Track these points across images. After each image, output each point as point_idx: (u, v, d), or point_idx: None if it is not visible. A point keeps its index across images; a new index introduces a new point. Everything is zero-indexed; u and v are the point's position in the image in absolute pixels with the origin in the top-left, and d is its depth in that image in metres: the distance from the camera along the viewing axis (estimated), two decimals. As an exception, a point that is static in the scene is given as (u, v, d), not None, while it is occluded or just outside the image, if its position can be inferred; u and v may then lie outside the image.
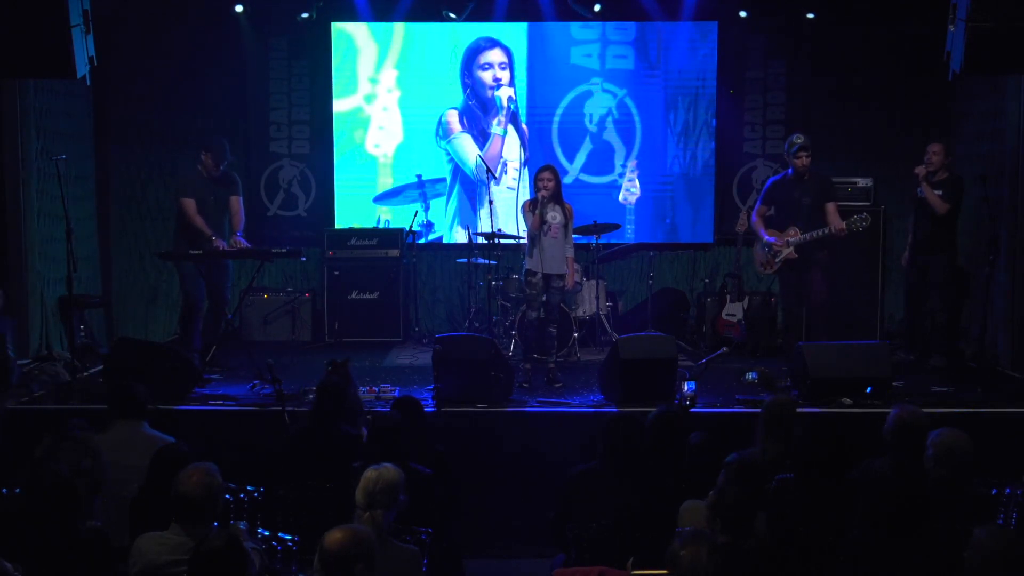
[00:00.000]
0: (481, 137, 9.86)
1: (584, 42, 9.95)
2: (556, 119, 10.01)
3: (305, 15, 9.52)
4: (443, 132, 9.89)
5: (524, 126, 9.88)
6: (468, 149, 9.81)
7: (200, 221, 7.88)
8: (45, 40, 6.36)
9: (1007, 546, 3.52)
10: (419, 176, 9.80)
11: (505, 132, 9.69)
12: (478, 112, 9.85)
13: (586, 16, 9.51)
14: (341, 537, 3.61)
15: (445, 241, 10.04)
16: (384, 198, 9.96)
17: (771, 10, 9.63)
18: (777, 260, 8.02)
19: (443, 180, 9.97)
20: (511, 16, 9.71)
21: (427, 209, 9.83)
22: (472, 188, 9.93)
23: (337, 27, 9.89)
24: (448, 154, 9.92)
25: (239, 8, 9.44)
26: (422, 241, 9.82)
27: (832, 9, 9.43)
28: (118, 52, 8.93)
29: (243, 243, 7.98)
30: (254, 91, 9.97)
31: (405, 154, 10.02)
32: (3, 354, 5.26)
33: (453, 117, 9.74)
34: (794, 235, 7.93)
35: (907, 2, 9.12)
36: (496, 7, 9.61)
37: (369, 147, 10.02)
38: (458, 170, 9.93)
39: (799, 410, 5.44)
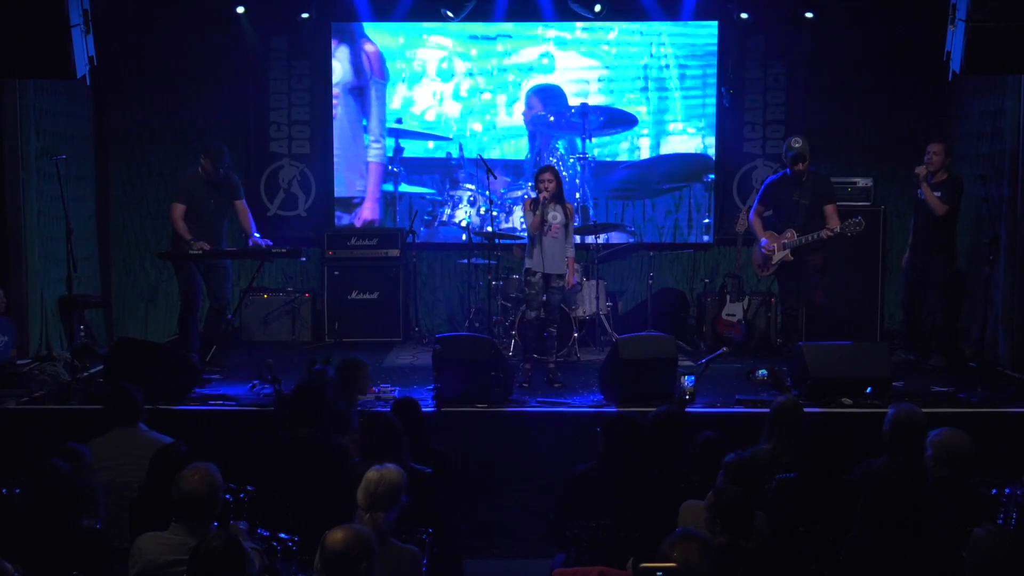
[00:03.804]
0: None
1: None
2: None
3: (305, 15, 9.52)
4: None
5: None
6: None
7: (183, 226, 7.85)
8: (45, 40, 6.36)
9: (1006, 546, 3.52)
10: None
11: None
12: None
13: (586, 16, 9.50)
14: (342, 537, 3.61)
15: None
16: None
17: (771, 10, 9.62)
18: (773, 262, 8.06)
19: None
20: (511, 16, 9.70)
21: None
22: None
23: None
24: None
25: (240, 9, 9.44)
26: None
27: (831, 9, 9.43)
28: (118, 52, 8.92)
29: (264, 243, 7.97)
30: (254, 91, 9.96)
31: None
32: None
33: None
34: (790, 238, 7.95)
35: (906, 2, 9.12)
36: (496, 7, 9.60)
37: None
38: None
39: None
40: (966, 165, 8.77)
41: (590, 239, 9.11)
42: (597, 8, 9.36)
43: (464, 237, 9.29)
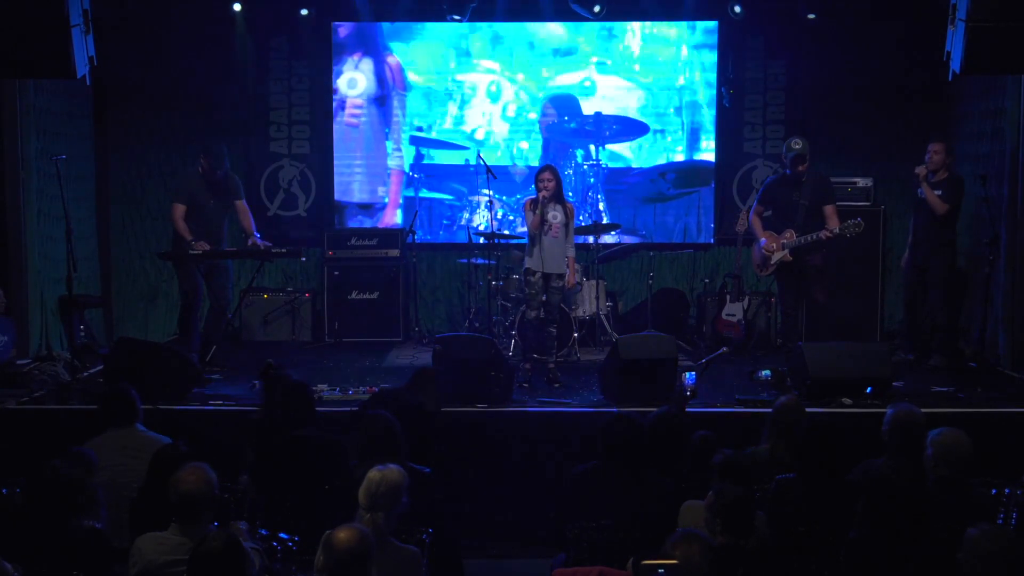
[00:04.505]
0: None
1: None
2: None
3: (304, 11, 9.51)
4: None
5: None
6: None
7: (183, 226, 7.84)
8: (45, 40, 6.36)
9: (999, 545, 3.52)
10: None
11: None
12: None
13: (586, 16, 9.50)
14: (347, 536, 3.62)
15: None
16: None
17: (771, 10, 9.62)
18: (772, 262, 8.07)
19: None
20: (511, 16, 9.72)
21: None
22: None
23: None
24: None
25: (237, 7, 9.45)
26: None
27: (832, 9, 9.42)
28: (118, 52, 8.92)
29: (264, 244, 7.98)
30: (254, 91, 9.96)
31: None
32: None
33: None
34: (789, 238, 7.97)
35: (907, 2, 9.12)
36: (496, 7, 9.61)
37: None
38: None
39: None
40: (966, 165, 8.77)
41: (595, 239, 9.14)
42: (596, 8, 9.37)
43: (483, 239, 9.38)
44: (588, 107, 9.85)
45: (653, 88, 9.96)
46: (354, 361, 8.49)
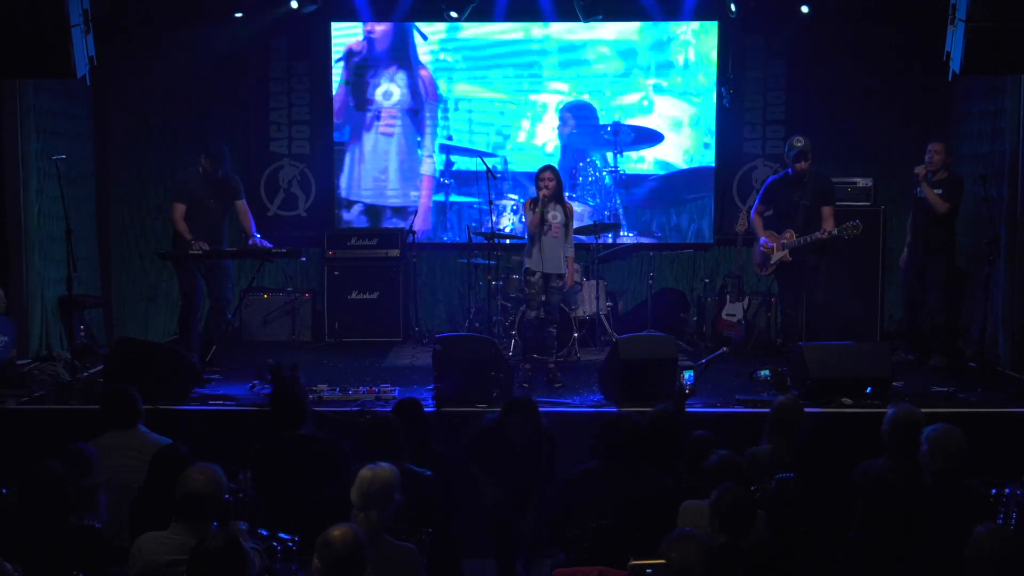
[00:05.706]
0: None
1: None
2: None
3: (295, 5, 9.47)
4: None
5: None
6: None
7: (183, 226, 7.84)
8: (45, 40, 6.36)
9: (1008, 546, 3.52)
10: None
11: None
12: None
13: (580, 18, 9.50)
14: (342, 534, 3.62)
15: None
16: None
17: (771, 10, 9.62)
18: (772, 262, 8.08)
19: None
20: (511, 16, 9.72)
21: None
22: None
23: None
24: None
25: (239, 15, 9.45)
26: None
27: (831, 9, 9.42)
28: (118, 52, 8.92)
29: (264, 243, 7.97)
30: (254, 91, 9.97)
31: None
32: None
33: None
34: (789, 238, 7.98)
35: (906, 1, 9.12)
36: (496, 7, 9.61)
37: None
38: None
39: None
40: (966, 165, 8.77)
41: (607, 237, 9.24)
42: (592, 21, 9.40)
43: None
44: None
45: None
46: (354, 361, 8.49)
